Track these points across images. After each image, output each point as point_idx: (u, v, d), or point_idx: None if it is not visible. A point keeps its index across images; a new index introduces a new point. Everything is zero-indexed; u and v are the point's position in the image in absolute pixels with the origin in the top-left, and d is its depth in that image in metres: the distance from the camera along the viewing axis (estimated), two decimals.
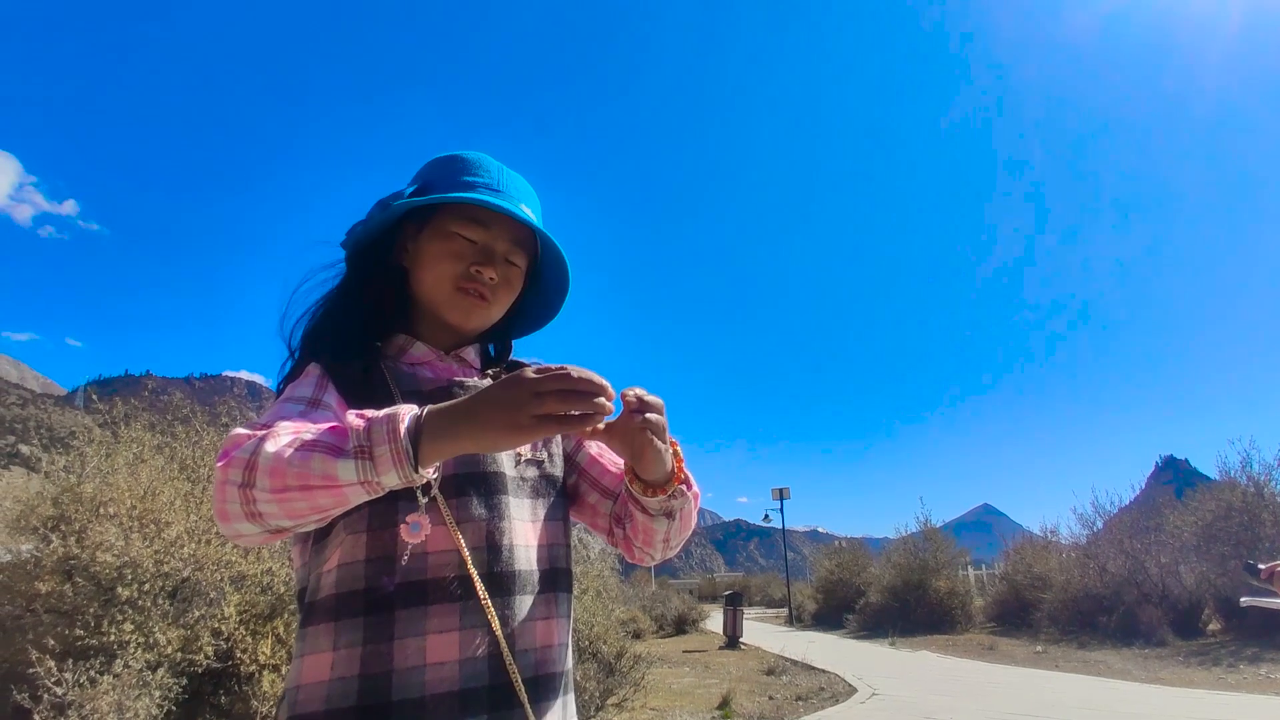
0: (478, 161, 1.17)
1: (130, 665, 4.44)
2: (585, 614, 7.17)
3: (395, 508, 0.99)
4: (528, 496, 1.12)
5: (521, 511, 1.10)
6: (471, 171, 1.15)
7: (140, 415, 6.10)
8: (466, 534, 1.02)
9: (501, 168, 1.17)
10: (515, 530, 1.07)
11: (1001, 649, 13.49)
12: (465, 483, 1.05)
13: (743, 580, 48.21)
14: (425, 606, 0.97)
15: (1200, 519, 14.05)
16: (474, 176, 1.15)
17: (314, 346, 1.14)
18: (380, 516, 1.00)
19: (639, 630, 16.26)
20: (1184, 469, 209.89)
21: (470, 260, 1.13)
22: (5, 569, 5.10)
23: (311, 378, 1.07)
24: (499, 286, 1.16)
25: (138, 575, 4.76)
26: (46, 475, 5.56)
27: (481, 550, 1.02)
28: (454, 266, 1.13)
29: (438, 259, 1.14)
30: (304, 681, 0.98)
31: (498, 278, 1.15)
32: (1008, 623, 16.57)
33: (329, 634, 0.98)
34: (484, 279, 1.13)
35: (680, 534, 1.17)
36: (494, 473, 1.09)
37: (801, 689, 9.59)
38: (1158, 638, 12.36)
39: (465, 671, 0.96)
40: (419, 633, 0.96)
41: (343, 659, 0.96)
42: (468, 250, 1.14)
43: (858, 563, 23.23)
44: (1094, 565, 14.76)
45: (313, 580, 1.04)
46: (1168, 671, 9.97)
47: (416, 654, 0.95)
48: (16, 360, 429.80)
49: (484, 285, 1.14)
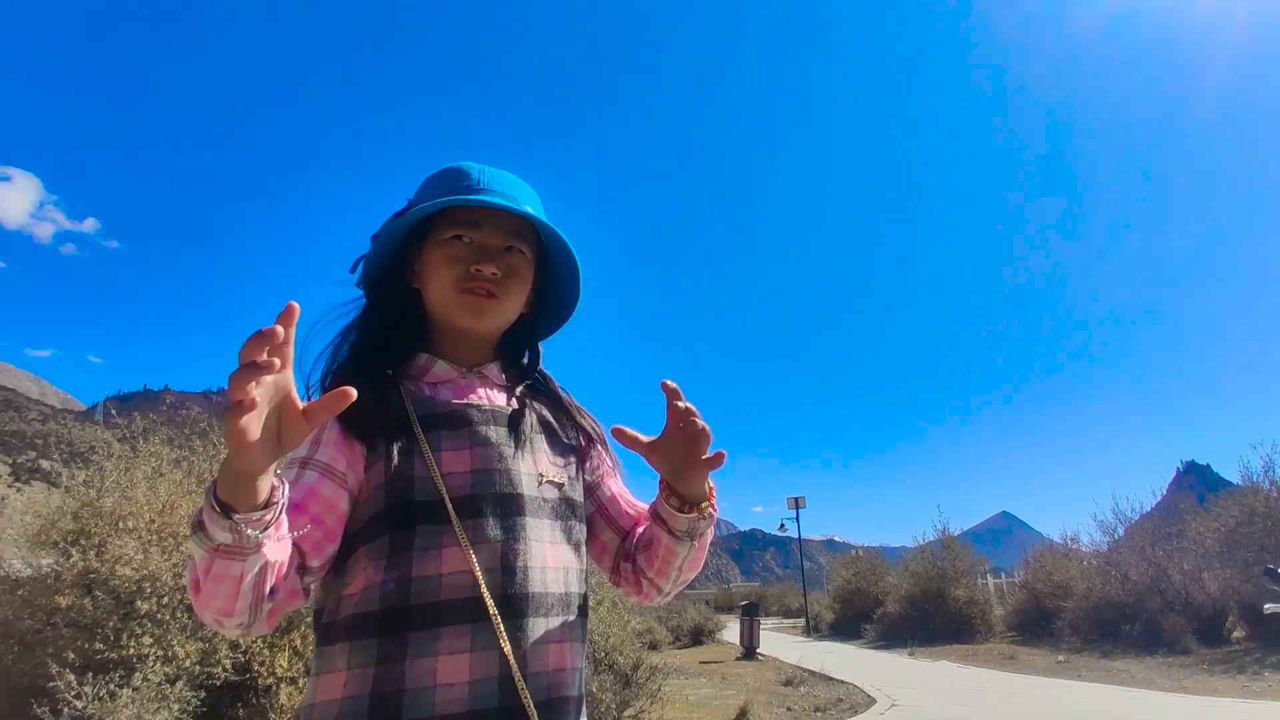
0: (460, 168, 1.18)
1: (149, 678, 4.47)
2: (601, 625, 7.14)
3: (414, 532, 1.01)
4: (547, 518, 1.12)
5: (540, 533, 1.09)
6: (454, 179, 1.17)
7: (159, 429, 6.16)
8: (481, 555, 1.02)
9: (483, 168, 1.18)
10: (532, 552, 1.07)
11: (1022, 659, 13.34)
12: (481, 503, 1.06)
13: (759, 590, 47.97)
14: (438, 628, 0.98)
15: (1223, 525, 13.86)
16: (456, 182, 1.16)
17: (332, 380, 1.14)
18: (400, 541, 1.01)
19: (655, 641, 16.18)
20: (1206, 474, 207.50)
21: (468, 260, 1.13)
22: (26, 584, 5.15)
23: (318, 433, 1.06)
24: (505, 279, 1.15)
25: (157, 588, 4.79)
26: (67, 490, 5.62)
27: (496, 571, 1.02)
28: (453, 270, 1.13)
29: (438, 267, 1.14)
30: (318, 700, 1.01)
31: (500, 271, 1.14)
32: (1028, 632, 16.37)
33: (343, 654, 0.99)
34: (485, 274, 1.13)
35: (694, 564, 1.18)
36: (512, 494, 1.08)
37: (820, 700, 9.51)
38: (1181, 646, 12.18)
39: (475, 693, 0.96)
40: (430, 653, 0.96)
41: (355, 678, 0.97)
42: (464, 251, 1.14)
43: (875, 572, 23.09)
44: (1116, 573, 14.59)
45: (331, 601, 1.05)
46: (1192, 680, 9.82)
47: (428, 675, 0.96)
48: (38, 377, 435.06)
49: (487, 281, 1.13)
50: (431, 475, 1.04)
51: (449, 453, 1.08)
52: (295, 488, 0.98)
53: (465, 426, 1.11)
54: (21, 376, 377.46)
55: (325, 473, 1.02)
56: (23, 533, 5.58)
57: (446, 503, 1.03)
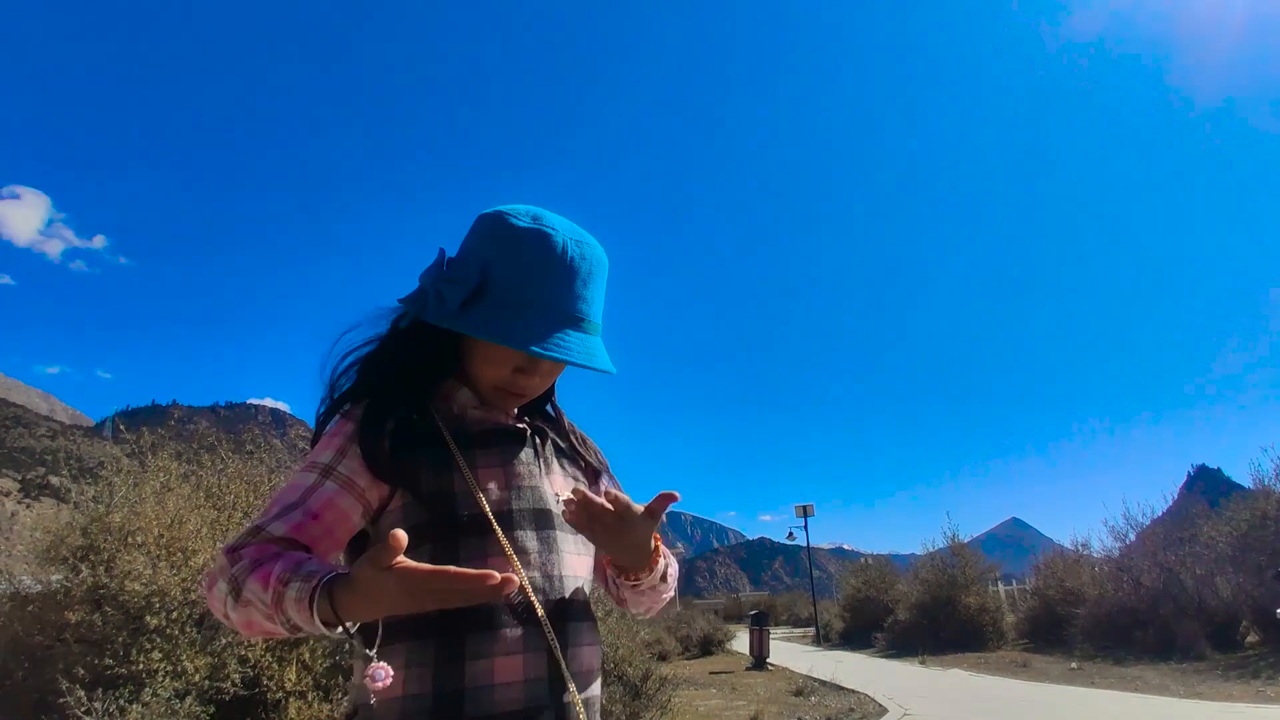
0: (549, 256, 1.09)
1: (159, 694, 4.48)
2: (610, 636, 7.11)
3: (457, 544, 1.07)
4: (570, 531, 1.18)
5: (568, 545, 1.17)
6: (541, 272, 1.09)
7: (167, 444, 6.19)
8: (523, 565, 1.09)
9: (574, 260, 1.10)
10: (565, 562, 1.14)
11: (1035, 666, 13.23)
12: (518, 518, 1.12)
13: (768, 599, 47.71)
14: (492, 630, 1.04)
15: (1235, 529, 13.73)
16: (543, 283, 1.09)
17: (359, 391, 1.17)
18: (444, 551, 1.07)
19: (664, 651, 16.12)
20: (1217, 478, 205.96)
21: (518, 370, 1.15)
22: (36, 599, 5.17)
23: (338, 438, 1.10)
24: (544, 382, 1.21)
25: (166, 603, 4.80)
26: (76, 505, 5.64)
27: (537, 579, 1.10)
28: (499, 372, 1.16)
29: (486, 360, 1.16)
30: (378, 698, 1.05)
31: (543, 379, 1.19)
32: (1041, 639, 16.22)
33: (402, 653, 1.03)
34: (528, 389, 1.19)
35: (674, 585, 1.28)
36: (544, 509, 1.16)
37: (831, 710, 9.44)
38: (1195, 651, 12.06)
39: (529, 693, 1.04)
40: (488, 654, 1.03)
41: (415, 677, 1.02)
42: (519, 363, 1.15)
43: (885, 580, 22.92)
44: (1128, 578, 14.46)
45: None
46: (1206, 686, 9.72)
47: (485, 674, 1.02)
48: (46, 393, 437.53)
49: (527, 390, 1.19)
50: (472, 491, 1.10)
51: (484, 469, 1.13)
52: (315, 495, 1.05)
53: (497, 446, 1.17)
54: (30, 393, 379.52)
55: (345, 486, 1.07)
56: (32, 549, 5.60)
57: (489, 516, 1.09)
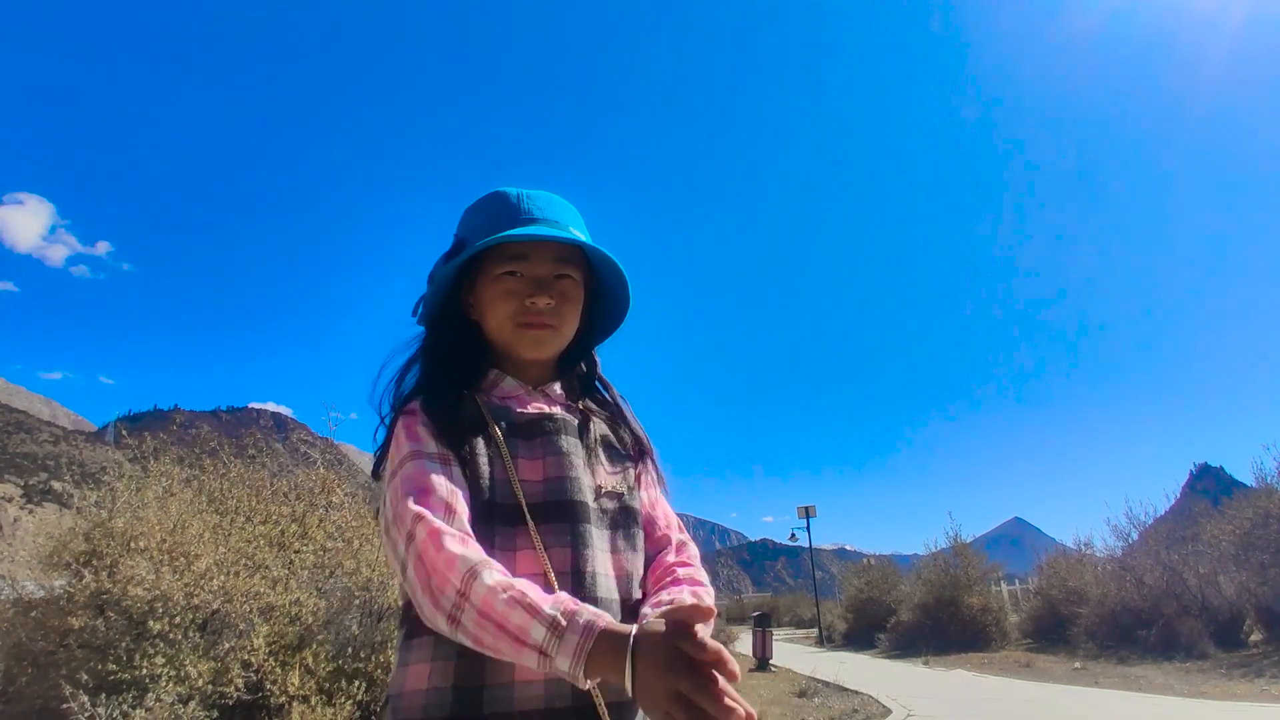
0: (501, 195, 1.22)
1: (162, 699, 4.47)
2: None
3: (491, 532, 1.07)
4: (606, 528, 1.17)
5: (603, 542, 1.15)
6: (496, 208, 1.21)
7: (169, 449, 6.19)
8: (553, 559, 1.08)
9: (522, 192, 1.22)
10: (598, 559, 1.12)
11: (1038, 666, 13.21)
12: (554, 510, 1.12)
13: (771, 601, 47.62)
14: None
15: (1238, 527, 13.71)
16: (499, 212, 1.20)
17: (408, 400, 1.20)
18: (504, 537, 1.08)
19: None
20: (1219, 476, 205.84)
21: (523, 295, 1.18)
22: (39, 605, 5.17)
23: (416, 432, 1.12)
24: (559, 306, 1.20)
25: (169, 608, 4.80)
26: (78, 511, 5.65)
27: (566, 575, 1.08)
28: (508, 305, 1.19)
29: (494, 304, 1.20)
30: (406, 689, 1.07)
31: (554, 299, 1.19)
32: (1044, 639, 16.20)
33: (428, 646, 1.05)
34: (540, 307, 1.18)
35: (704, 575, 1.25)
36: (581, 503, 1.14)
37: (835, 711, 9.42)
38: (1199, 650, 12.04)
39: (550, 691, 1.02)
40: None
41: (438, 670, 1.04)
42: (517, 286, 1.18)
43: (887, 580, 22.88)
44: (1131, 578, 14.43)
45: None
46: (1210, 685, 9.71)
47: (506, 671, 1.01)
48: (48, 399, 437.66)
49: (543, 314, 1.19)
50: (510, 480, 1.11)
51: (524, 460, 1.14)
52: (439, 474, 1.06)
53: (539, 436, 1.18)
54: (33, 399, 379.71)
55: (441, 459, 1.09)
56: (35, 554, 5.61)
57: (523, 507, 1.09)
